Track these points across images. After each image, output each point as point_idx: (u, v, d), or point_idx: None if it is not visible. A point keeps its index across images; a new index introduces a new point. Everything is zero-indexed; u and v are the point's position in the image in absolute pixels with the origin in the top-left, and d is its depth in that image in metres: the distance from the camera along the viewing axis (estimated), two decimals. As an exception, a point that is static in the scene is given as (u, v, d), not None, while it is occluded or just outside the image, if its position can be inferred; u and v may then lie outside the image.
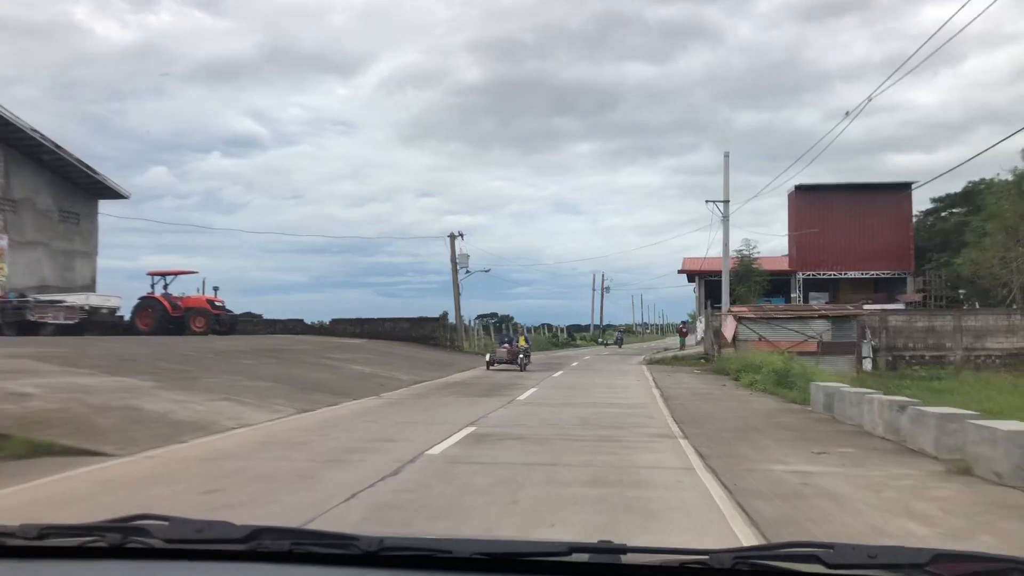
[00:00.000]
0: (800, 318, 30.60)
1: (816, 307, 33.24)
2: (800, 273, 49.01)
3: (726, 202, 33.40)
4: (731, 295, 33.79)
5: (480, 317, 64.59)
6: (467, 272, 38.39)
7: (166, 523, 1.83)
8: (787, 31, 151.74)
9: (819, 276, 49.00)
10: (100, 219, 33.96)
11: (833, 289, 49.18)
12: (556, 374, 28.08)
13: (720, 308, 33.62)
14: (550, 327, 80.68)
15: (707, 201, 33.00)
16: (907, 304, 42.30)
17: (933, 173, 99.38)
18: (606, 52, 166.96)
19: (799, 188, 47.47)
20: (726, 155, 33.99)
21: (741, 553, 1.63)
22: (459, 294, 38.17)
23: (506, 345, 30.55)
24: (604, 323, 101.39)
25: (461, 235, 38.26)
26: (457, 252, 37.82)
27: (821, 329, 29.89)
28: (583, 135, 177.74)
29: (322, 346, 29.15)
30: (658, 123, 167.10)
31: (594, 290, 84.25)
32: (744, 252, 46.23)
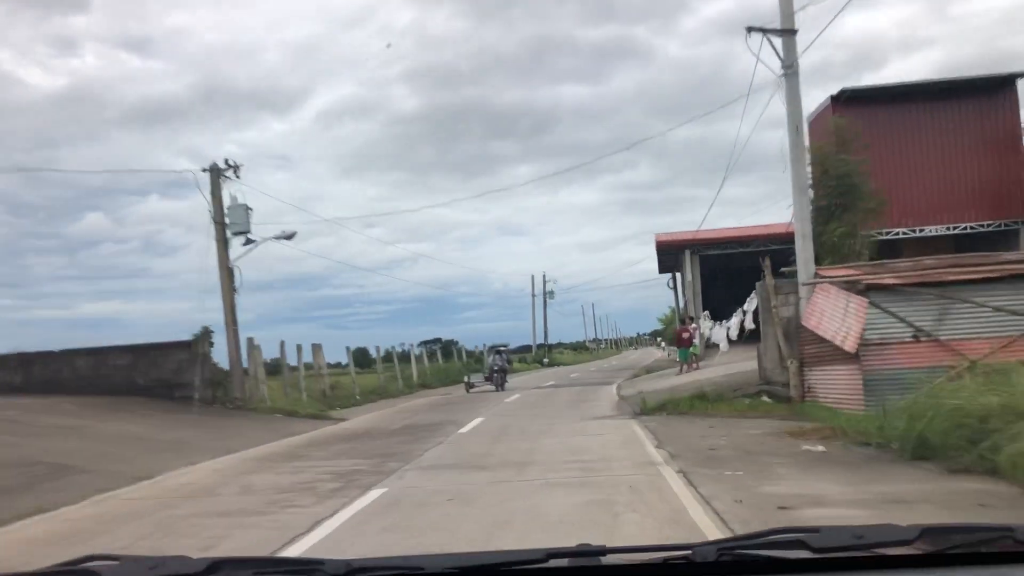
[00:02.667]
0: (1014, 277, 12.45)
1: None
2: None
3: (789, 33, 15.01)
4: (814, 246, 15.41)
5: (424, 343, 52.93)
6: (248, 240, 19.02)
7: (116, 563, 1.76)
8: (714, 45, 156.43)
9: (877, 236, 31.26)
10: None
11: (893, 254, 31.53)
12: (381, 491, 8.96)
13: (793, 278, 15.47)
14: (445, 350, 56.71)
15: (750, 30, 14.43)
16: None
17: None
18: (540, 75, 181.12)
19: (843, 96, 30.05)
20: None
21: (724, 544, 1.62)
22: (232, 290, 18.67)
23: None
24: (549, 340, 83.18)
25: (233, 169, 18.90)
26: (227, 202, 18.63)
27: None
28: (522, 158, 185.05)
29: None
30: (595, 142, 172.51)
31: (534, 296, 65.93)
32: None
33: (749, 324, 20.16)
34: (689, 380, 20.19)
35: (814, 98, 33.47)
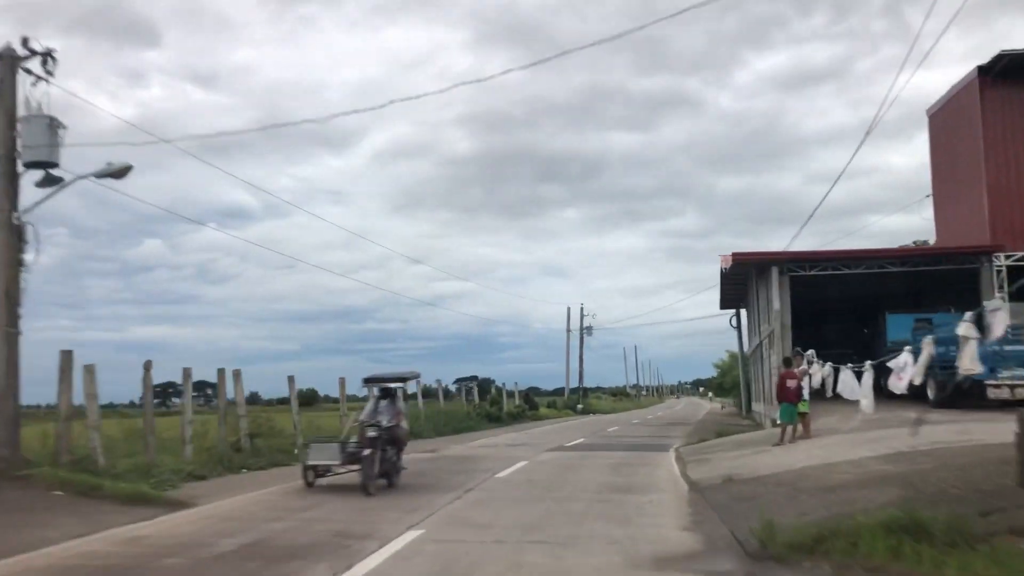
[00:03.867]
0: None
1: None
2: (1002, 254, 22.19)
3: None
4: None
5: (460, 380, 49.52)
6: (49, 177, 10.73)
7: None
8: (766, 99, 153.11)
9: (1050, 258, 22.26)
10: None
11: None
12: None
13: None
14: (482, 389, 49.13)
15: None
16: None
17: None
18: (591, 122, 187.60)
19: (997, 66, 21.56)
20: None
21: None
22: (17, 262, 10.70)
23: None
24: (586, 384, 74.25)
25: (41, 58, 10.75)
26: (23, 112, 10.43)
27: None
28: (569, 201, 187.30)
29: None
30: (642, 188, 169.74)
31: (569, 331, 57.27)
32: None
33: (917, 374, 11.25)
34: (820, 462, 11.42)
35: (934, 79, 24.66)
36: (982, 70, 23.66)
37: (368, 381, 13.24)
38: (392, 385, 13.02)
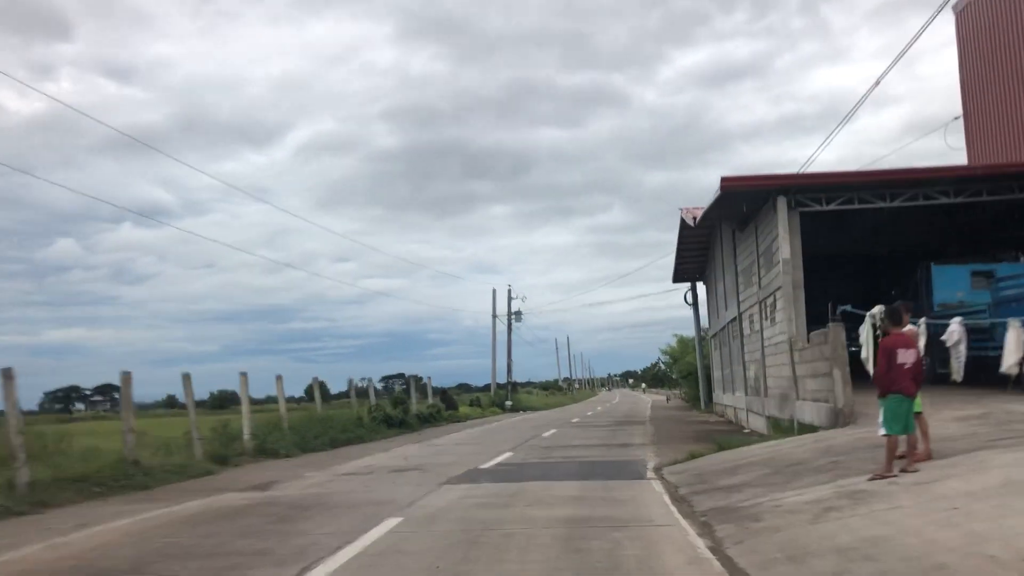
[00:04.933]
0: None
1: None
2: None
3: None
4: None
5: (386, 378, 48.01)
6: None
7: None
8: (690, 95, 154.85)
9: None
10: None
11: None
12: None
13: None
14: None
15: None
16: None
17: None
18: (519, 118, 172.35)
19: None
20: None
21: None
22: None
23: None
24: (517, 379, 66.88)
25: None
26: None
27: None
28: (498, 197, 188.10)
29: None
30: (571, 184, 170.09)
31: (495, 316, 49.53)
32: None
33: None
34: None
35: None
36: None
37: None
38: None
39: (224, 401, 56.84)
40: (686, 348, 41.23)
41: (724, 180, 15.81)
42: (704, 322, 35.27)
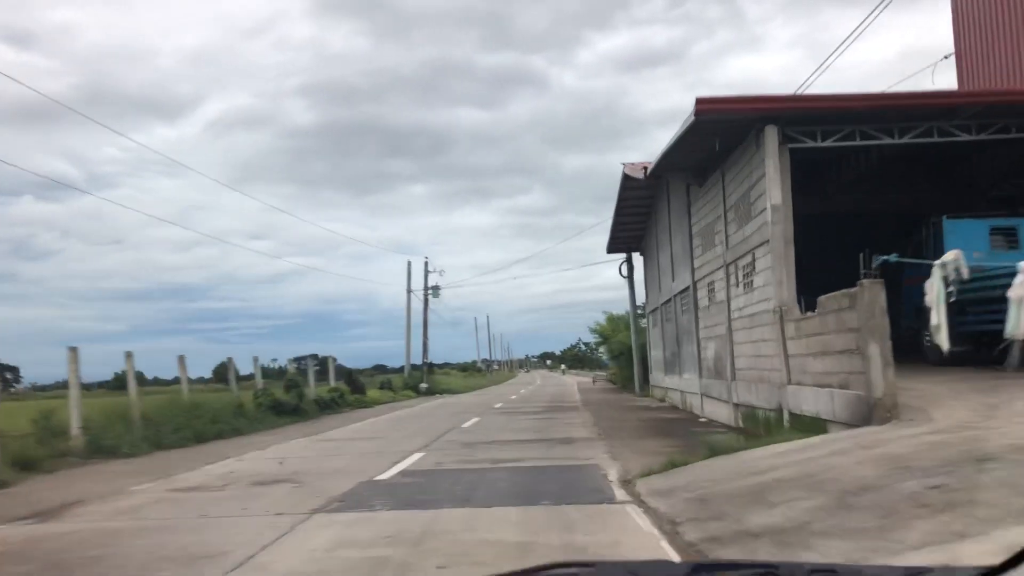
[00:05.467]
0: None
1: None
2: None
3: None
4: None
5: (297, 359, 43.31)
6: None
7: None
8: (608, 79, 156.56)
9: None
10: None
11: None
12: None
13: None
14: (320, 368, 40.23)
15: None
16: None
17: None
18: (438, 97, 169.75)
19: None
20: None
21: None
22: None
23: None
24: (435, 360, 63.12)
25: None
26: None
27: None
28: (416, 177, 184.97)
29: None
30: (490, 166, 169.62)
31: (410, 291, 45.30)
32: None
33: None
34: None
35: None
36: None
37: None
38: None
39: (126, 382, 51.75)
40: (617, 326, 38.15)
41: (700, 102, 12.28)
42: (640, 298, 32.16)
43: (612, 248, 31.44)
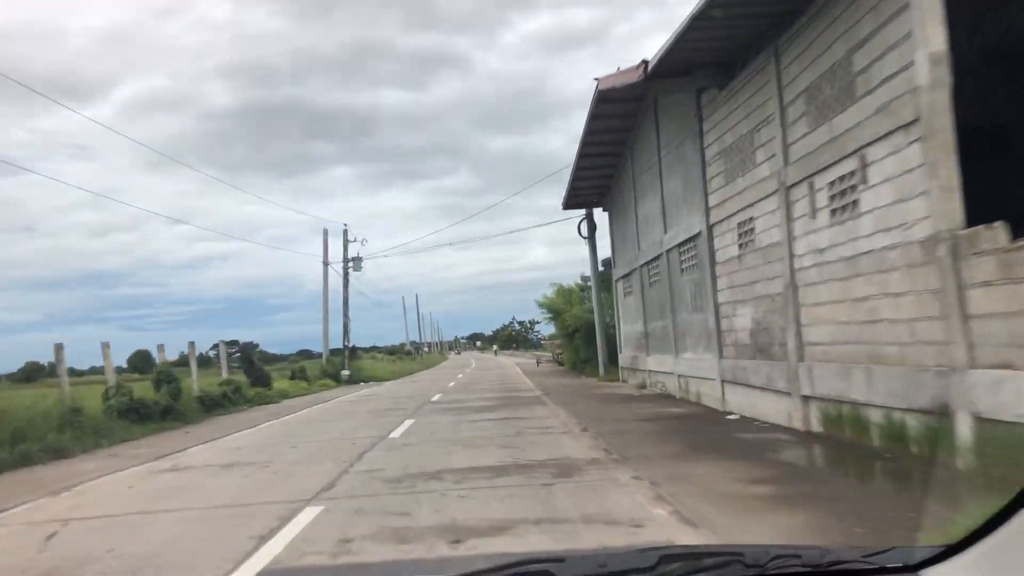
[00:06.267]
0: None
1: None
2: None
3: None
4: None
5: (217, 345, 32.20)
6: None
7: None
8: (532, 61, 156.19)
9: None
10: None
11: None
12: None
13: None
14: (243, 356, 35.14)
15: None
16: None
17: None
18: (361, 79, 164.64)
19: None
20: None
21: (475, 574, 1.56)
22: None
23: None
24: (362, 344, 57.06)
25: None
26: None
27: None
28: (340, 159, 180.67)
29: None
30: (415, 147, 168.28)
31: (326, 263, 38.90)
32: None
33: None
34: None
35: None
36: None
37: None
38: None
39: (34, 373, 46.10)
40: (570, 300, 32.91)
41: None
42: (600, 265, 27.01)
43: (570, 203, 26.11)
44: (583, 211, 26.99)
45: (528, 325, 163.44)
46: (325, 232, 38.81)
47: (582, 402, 17.01)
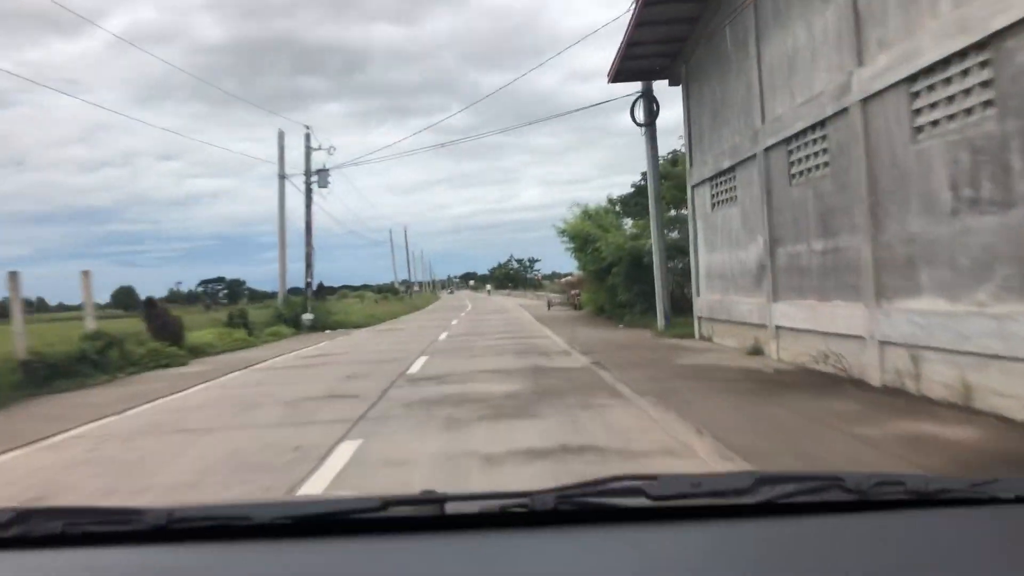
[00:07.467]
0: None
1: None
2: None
3: None
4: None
5: (205, 283, 32.21)
6: None
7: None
8: None
9: None
10: None
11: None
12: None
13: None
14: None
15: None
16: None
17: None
18: (352, 13, 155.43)
19: None
20: None
21: (563, 492, 1.50)
22: None
23: None
24: (350, 282, 48.81)
25: None
26: None
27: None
28: (332, 95, 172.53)
29: None
30: (408, 84, 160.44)
31: (283, 176, 30.24)
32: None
33: None
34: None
35: None
36: None
37: None
38: None
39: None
40: (602, 224, 24.60)
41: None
42: (664, 162, 18.71)
43: (620, 75, 17.64)
44: (640, 86, 18.52)
45: (528, 263, 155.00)
46: (281, 134, 30.08)
47: (689, 389, 8.90)
